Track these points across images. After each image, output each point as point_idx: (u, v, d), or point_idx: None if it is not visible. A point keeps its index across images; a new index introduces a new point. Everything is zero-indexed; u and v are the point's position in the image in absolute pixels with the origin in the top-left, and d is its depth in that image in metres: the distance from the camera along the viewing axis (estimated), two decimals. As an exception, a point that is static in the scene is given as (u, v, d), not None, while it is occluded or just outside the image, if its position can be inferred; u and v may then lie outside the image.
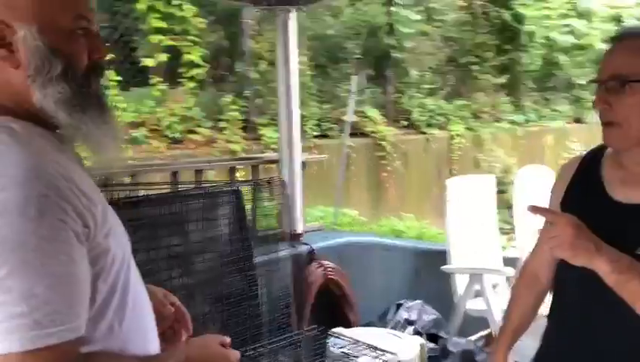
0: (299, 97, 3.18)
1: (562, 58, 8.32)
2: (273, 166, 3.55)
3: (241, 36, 5.09)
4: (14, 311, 0.75)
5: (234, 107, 5.00)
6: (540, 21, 7.64)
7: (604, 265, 1.16)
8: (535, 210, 1.22)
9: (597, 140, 1.38)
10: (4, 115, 0.88)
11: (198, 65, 4.76)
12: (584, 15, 8.57)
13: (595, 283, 1.23)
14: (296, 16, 3.09)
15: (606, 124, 1.29)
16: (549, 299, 1.53)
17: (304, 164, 3.35)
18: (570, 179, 1.37)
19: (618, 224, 1.23)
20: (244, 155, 4.06)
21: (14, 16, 0.87)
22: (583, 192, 1.31)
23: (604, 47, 7.08)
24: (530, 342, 1.64)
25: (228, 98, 5.00)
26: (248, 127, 5.12)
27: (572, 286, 1.38)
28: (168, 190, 2.80)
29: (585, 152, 1.44)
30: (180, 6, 4.56)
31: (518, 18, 7.33)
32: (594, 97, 1.28)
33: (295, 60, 3.07)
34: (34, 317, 0.76)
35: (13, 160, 0.82)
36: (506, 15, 7.27)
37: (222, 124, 4.89)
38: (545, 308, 1.52)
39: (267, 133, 5.12)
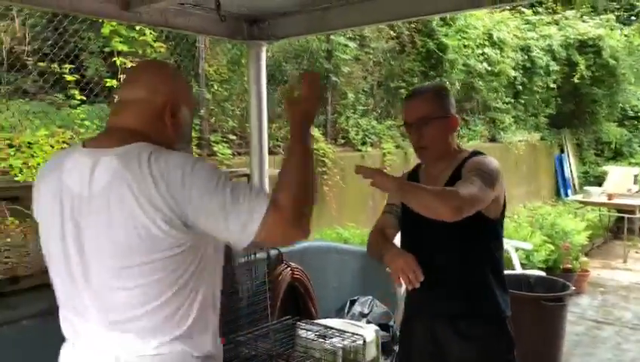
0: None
1: (479, 83, 9.17)
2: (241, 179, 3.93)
3: (196, 59, 5.45)
4: (249, 198, 1.35)
5: (189, 125, 5.33)
6: (460, 50, 8.42)
7: (396, 190, 1.90)
8: (359, 169, 1.90)
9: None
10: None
11: (157, 86, 5.06)
12: (497, 45, 9.49)
13: (423, 228, 2.03)
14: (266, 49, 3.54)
15: (420, 149, 2.12)
16: None
17: (269, 178, 3.78)
18: (406, 179, 2.20)
19: None
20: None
21: (181, 101, 1.53)
22: None
23: (514, 73, 7.93)
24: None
25: (183, 116, 5.32)
26: (202, 144, 5.46)
27: (410, 234, 2.20)
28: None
29: (410, 168, 2.34)
30: (141, 31, 4.87)
31: (441, 47, 8.07)
32: (410, 135, 2.12)
33: (264, 84, 3.51)
34: (256, 192, 1.37)
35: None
36: (431, 44, 7.99)
37: (178, 141, 5.20)
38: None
39: (220, 149, 5.48)
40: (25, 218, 3.82)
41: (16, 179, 4.01)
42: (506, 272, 2.23)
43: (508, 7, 9.77)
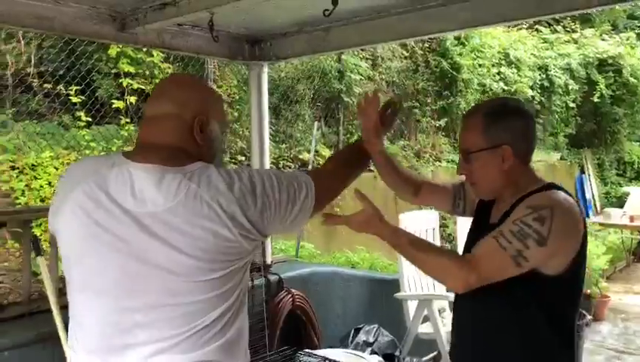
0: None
1: (495, 103, 9.01)
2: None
3: (205, 80, 5.41)
4: (297, 188, 1.44)
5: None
6: (474, 69, 8.30)
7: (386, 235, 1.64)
8: (358, 195, 1.72)
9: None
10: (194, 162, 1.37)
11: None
12: (514, 64, 9.35)
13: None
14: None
15: (471, 184, 1.76)
16: None
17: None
18: (476, 208, 1.87)
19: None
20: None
21: (211, 114, 1.44)
22: (478, 216, 1.83)
23: (532, 92, 7.74)
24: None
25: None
26: (210, 166, 5.39)
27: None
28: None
29: None
30: (149, 52, 4.85)
31: (455, 67, 7.97)
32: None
33: (266, 106, 3.44)
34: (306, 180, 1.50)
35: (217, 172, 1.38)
36: (445, 64, 7.90)
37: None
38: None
39: (228, 170, 5.41)
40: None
41: (17, 201, 3.98)
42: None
43: (502, 28, 9.62)
